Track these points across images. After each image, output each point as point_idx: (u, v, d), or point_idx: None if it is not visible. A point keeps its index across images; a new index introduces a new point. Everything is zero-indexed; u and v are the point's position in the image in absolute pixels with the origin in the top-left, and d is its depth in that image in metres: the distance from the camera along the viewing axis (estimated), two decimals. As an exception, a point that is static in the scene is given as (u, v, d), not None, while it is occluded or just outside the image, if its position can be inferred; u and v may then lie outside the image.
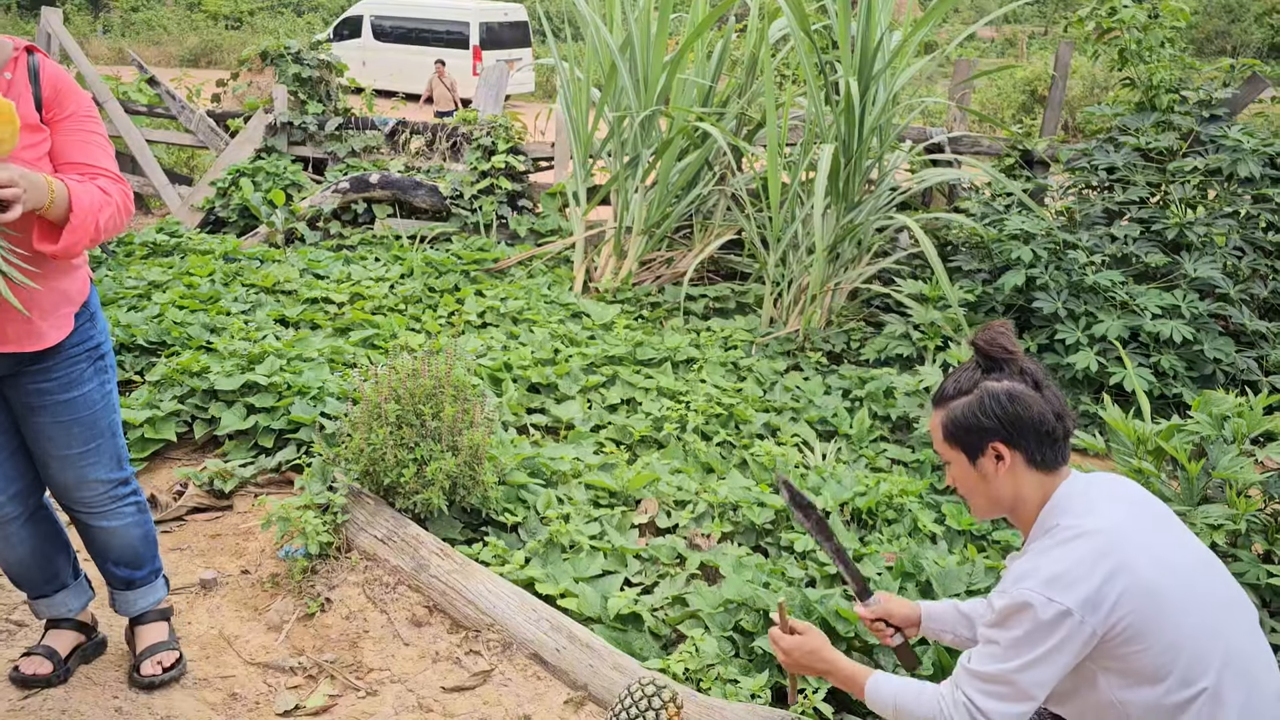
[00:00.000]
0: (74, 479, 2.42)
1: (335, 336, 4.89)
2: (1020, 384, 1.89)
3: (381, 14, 21.58)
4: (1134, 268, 5.15)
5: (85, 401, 2.37)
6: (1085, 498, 1.84)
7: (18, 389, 2.31)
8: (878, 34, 5.20)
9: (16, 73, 2.14)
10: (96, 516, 2.52)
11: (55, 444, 2.37)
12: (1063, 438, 1.88)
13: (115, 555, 2.60)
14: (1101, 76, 14.82)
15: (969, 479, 1.96)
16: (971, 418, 1.90)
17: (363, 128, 7.77)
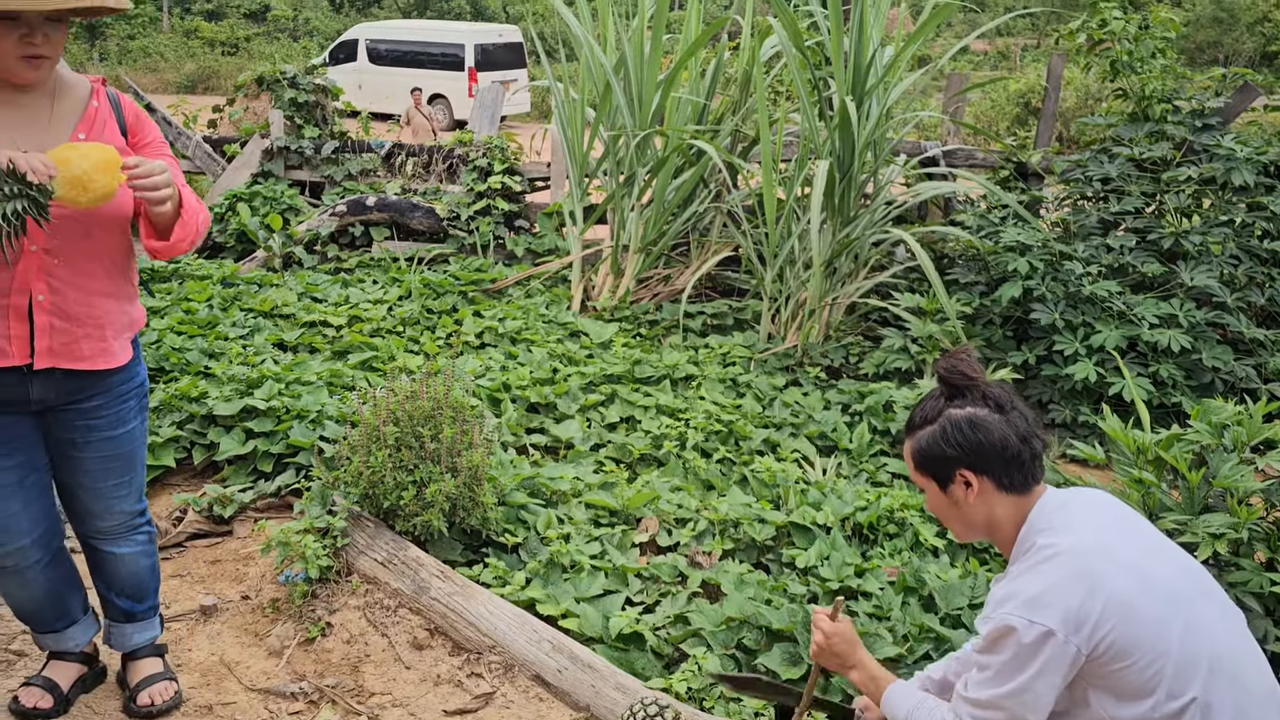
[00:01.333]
0: (100, 509, 2.47)
1: (334, 360, 4.89)
2: (983, 409, 1.89)
3: (377, 38, 21.72)
4: (1131, 278, 5.15)
5: (128, 438, 2.42)
6: (1061, 515, 1.84)
7: (65, 423, 2.33)
8: (870, 49, 5.23)
9: (101, 102, 2.26)
10: (109, 542, 2.54)
11: (91, 477, 2.41)
12: (1030, 459, 1.88)
13: (120, 585, 2.60)
14: (1095, 87, 14.89)
15: (942, 506, 1.97)
16: (936, 447, 1.91)
17: (359, 151, 7.80)
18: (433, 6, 35.86)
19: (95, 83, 2.30)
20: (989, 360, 5.08)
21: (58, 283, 2.17)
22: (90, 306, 2.23)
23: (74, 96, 2.24)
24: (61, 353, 2.21)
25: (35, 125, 2.16)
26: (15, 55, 2.05)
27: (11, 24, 2.01)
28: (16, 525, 2.32)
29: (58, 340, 2.20)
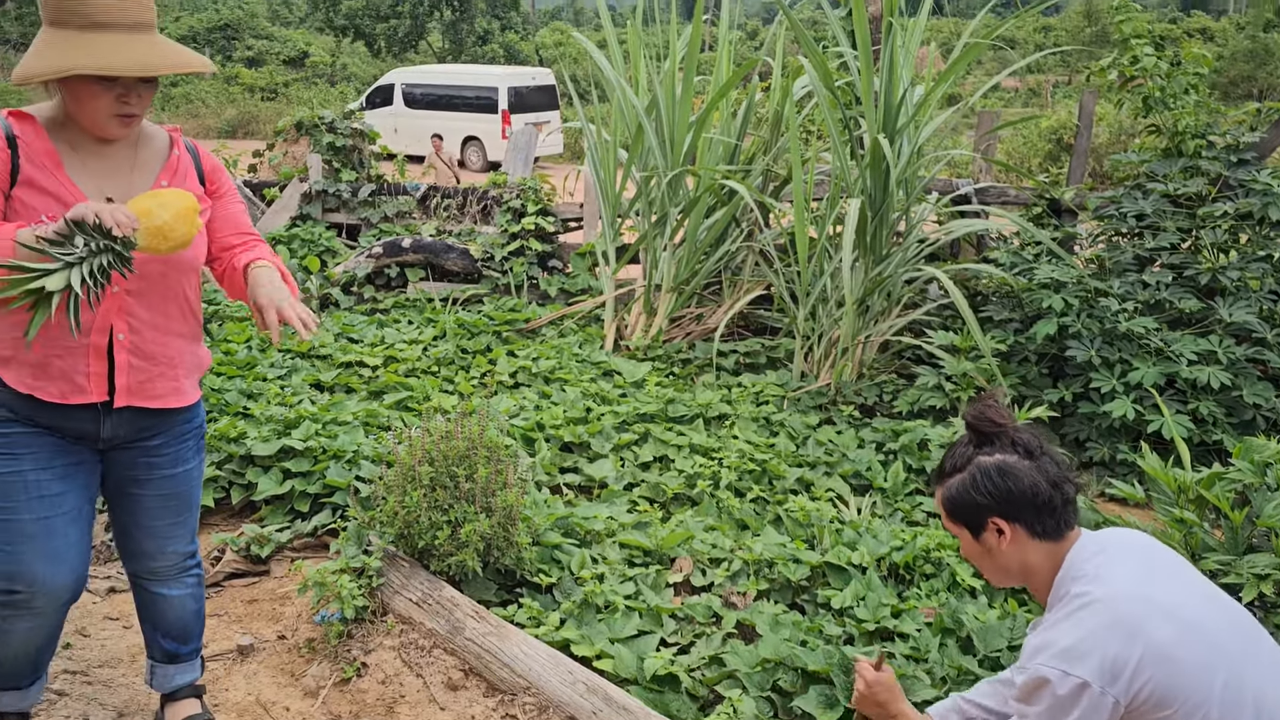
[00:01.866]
0: (155, 549, 2.50)
1: (369, 400, 4.95)
2: (1012, 456, 1.89)
3: (412, 82, 22.11)
4: (1168, 314, 5.11)
5: (186, 478, 2.47)
6: (1096, 561, 1.82)
7: (127, 461, 2.37)
8: (900, 89, 5.26)
9: (181, 151, 2.35)
10: (160, 584, 2.56)
11: (149, 515, 2.45)
12: (1063, 504, 1.86)
13: (167, 626, 2.61)
14: (1127, 123, 14.83)
15: (976, 553, 1.97)
16: (966, 495, 1.91)
17: (395, 193, 7.93)
18: (467, 51, 36.50)
19: (173, 132, 2.39)
20: (1024, 398, 5.04)
21: (137, 322, 2.23)
22: (165, 346, 2.30)
23: (155, 145, 2.33)
24: (137, 391, 2.27)
25: (119, 174, 2.24)
26: (109, 113, 2.13)
27: (109, 84, 2.09)
28: (68, 559, 2.29)
29: (135, 379, 2.25)
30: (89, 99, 2.10)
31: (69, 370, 2.19)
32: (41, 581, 2.26)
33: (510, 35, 38.21)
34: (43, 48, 2.08)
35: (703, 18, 5.95)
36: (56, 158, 2.16)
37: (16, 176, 2.10)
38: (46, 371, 2.18)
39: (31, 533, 2.23)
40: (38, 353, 2.16)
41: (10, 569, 2.24)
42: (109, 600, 3.47)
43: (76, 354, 2.19)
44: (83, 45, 2.04)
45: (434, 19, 37.99)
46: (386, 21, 37.24)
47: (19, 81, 2.08)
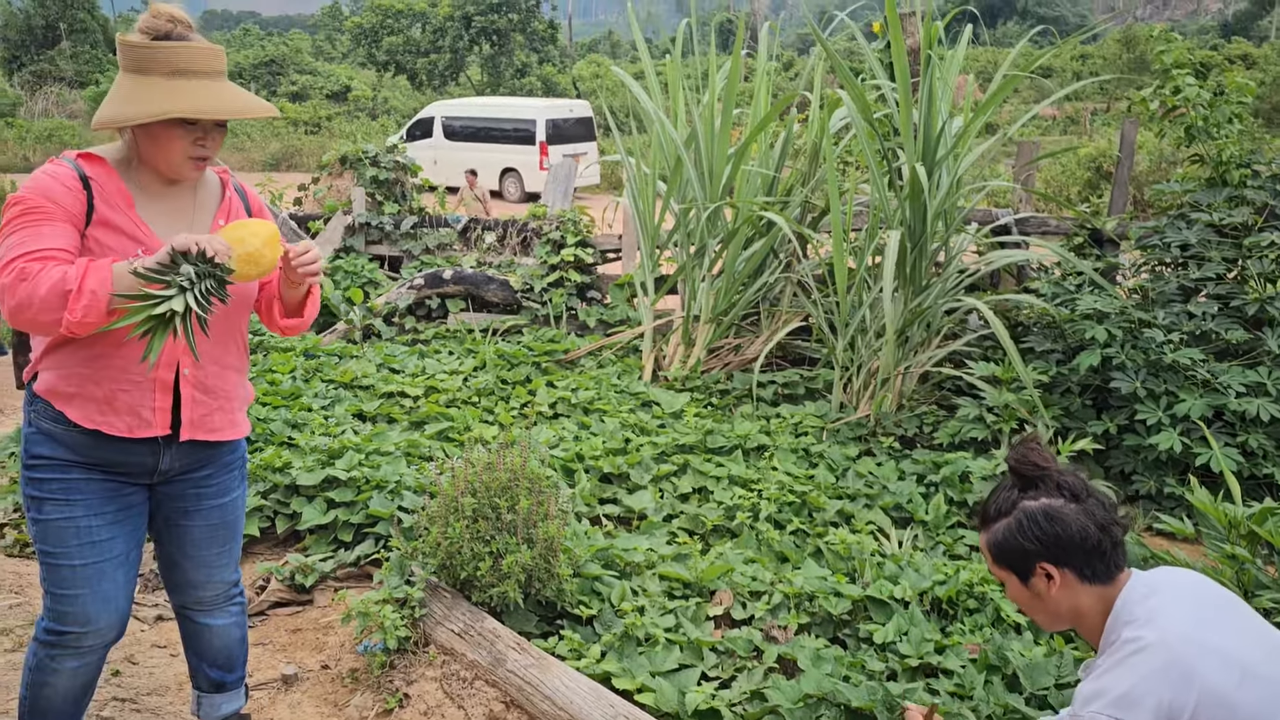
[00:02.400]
0: (202, 579, 2.54)
1: (411, 430, 5.00)
2: (1058, 499, 1.87)
3: (452, 115, 22.41)
4: (1214, 345, 5.03)
5: (232, 506, 2.53)
6: (1148, 603, 1.79)
7: (176, 493, 2.43)
8: (939, 121, 5.26)
9: (230, 191, 2.44)
10: (206, 614, 2.60)
11: (197, 545, 2.49)
12: (1112, 547, 1.84)
13: (213, 656, 2.65)
14: (1168, 152, 14.68)
15: (1024, 598, 1.95)
16: (1013, 541, 1.89)
17: (436, 225, 8.03)
18: (505, 83, 36.99)
19: (222, 174, 2.47)
20: (1067, 430, 4.98)
21: (200, 358, 2.30)
22: (224, 380, 2.38)
23: (210, 187, 2.41)
24: (199, 425, 2.33)
25: (183, 214, 2.33)
26: (186, 156, 2.21)
27: (190, 128, 2.18)
28: (114, 603, 2.33)
29: (197, 412, 2.32)
30: (168, 142, 2.18)
31: (135, 405, 2.24)
32: (92, 623, 2.31)
33: (548, 68, 38.69)
34: (128, 93, 2.14)
35: (740, 49, 6.00)
36: (129, 198, 2.22)
37: (91, 216, 2.16)
38: (114, 406, 2.23)
39: (84, 577, 2.27)
40: (105, 388, 2.21)
41: (62, 610, 2.29)
42: (156, 628, 3.52)
43: (143, 389, 2.24)
44: (172, 91, 2.12)
45: (473, 53, 38.58)
46: (427, 56, 37.87)
47: (113, 125, 2.15)
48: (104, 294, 2.00)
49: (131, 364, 2.20)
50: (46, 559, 2.27)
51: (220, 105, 2.16)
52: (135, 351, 2.19)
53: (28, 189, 2.11)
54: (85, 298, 1.97)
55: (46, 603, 2.32)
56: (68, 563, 2.26)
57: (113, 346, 2.20)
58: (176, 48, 2.15)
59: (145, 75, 2.14)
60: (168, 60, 2.14)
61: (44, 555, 2.28)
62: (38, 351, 2.24)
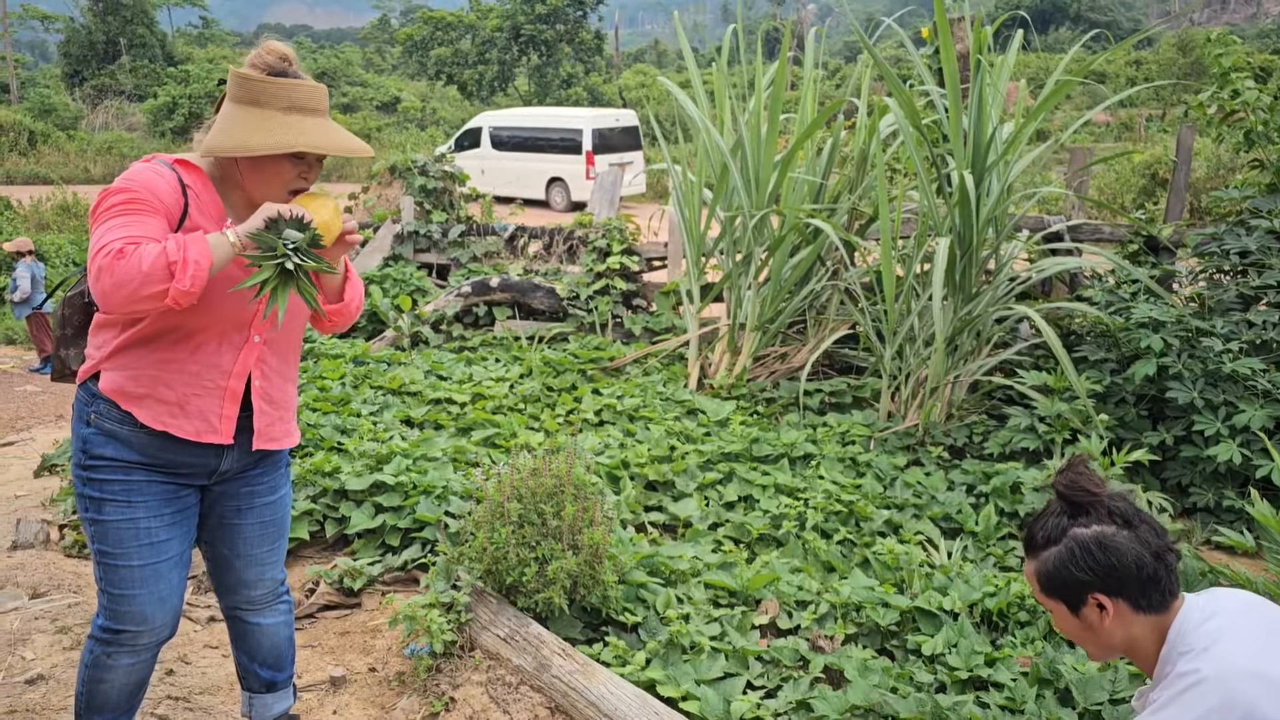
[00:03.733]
0: (254, 577, 2.59)
1: (458, 436, 5.04)
2: (1110, 526, 1.80)
3: (499, 125, 22.61)
4: (1275, 354, 4.91)
5: (282, 504, 2.59)
6: (1203, 632, 1.71)
7: (229, 493, 2.48)
8: (990, 127, 5.20)
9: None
10: (257, 613, 2.64)
11: (249, 544, 2.54)
12: (1166, 575, 1.77)
13: (263, 655, 2.69)
14: (1226, 158, 14.37)
15: (1074, 629, 1.87)
16: (1065, 571, 1.82)
17: (483, 234, 8.10)
18: (552, 94, 37.24)
19: None
20: (1122, 440, 4.88)
21: (268, 369, 2.38)
22: (284, 392, 2.45)
23: None
24: (265, 434, 2.40)
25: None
26: (286, 187, 2.29)
27: (297, 162, 2.26)
28: (169, 601, 2.38)
29: (264, 422, 2.39)
30: (275, 173, 2.25)
31: (205, 410, 2.29)
32: (149, 622, 2.36)
33: (594, 78, 38.89)
34: (244, 124, 2.19)
35: (786, 56, 5.98)
36: (223, 212, 2.29)
37: (184, 222, 2.20)
38: (185, 410, 2.27)
39: (142, 578, 2.32)
40: (178, 392, 2.26)
41: (120, 610, 2.34)
42: (209, 629, 3.58)
43: (213, 395, 2.30)
44: (291, 126, 2.20)
45: (521, 64, 38.90)
46: (475, 67, 38.26)
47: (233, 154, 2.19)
48: (206, 263, 2.04)
49: (205, 370, 2.27)
50: (104, 559, 2.31)
51: (339, 143, 2.25)
52: (208, 358, 2.27)
53: (132, 181, 2.15)
54: (191, 267, 2.00)
55: (103, 601, 2.36)
56: (126, 563, 2.30)
57: (187, 352, 2.25)
58: (293, 84, 2.21)
59: (261, 108, 2.20)
60: (286, 96, 2.21)
61: (102, 555, 2.31)
62: (103, 351, 2.26)
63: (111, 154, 27.78)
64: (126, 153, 27.88)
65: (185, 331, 2.24)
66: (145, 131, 32.56)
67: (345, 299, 2.47)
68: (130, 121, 33.64)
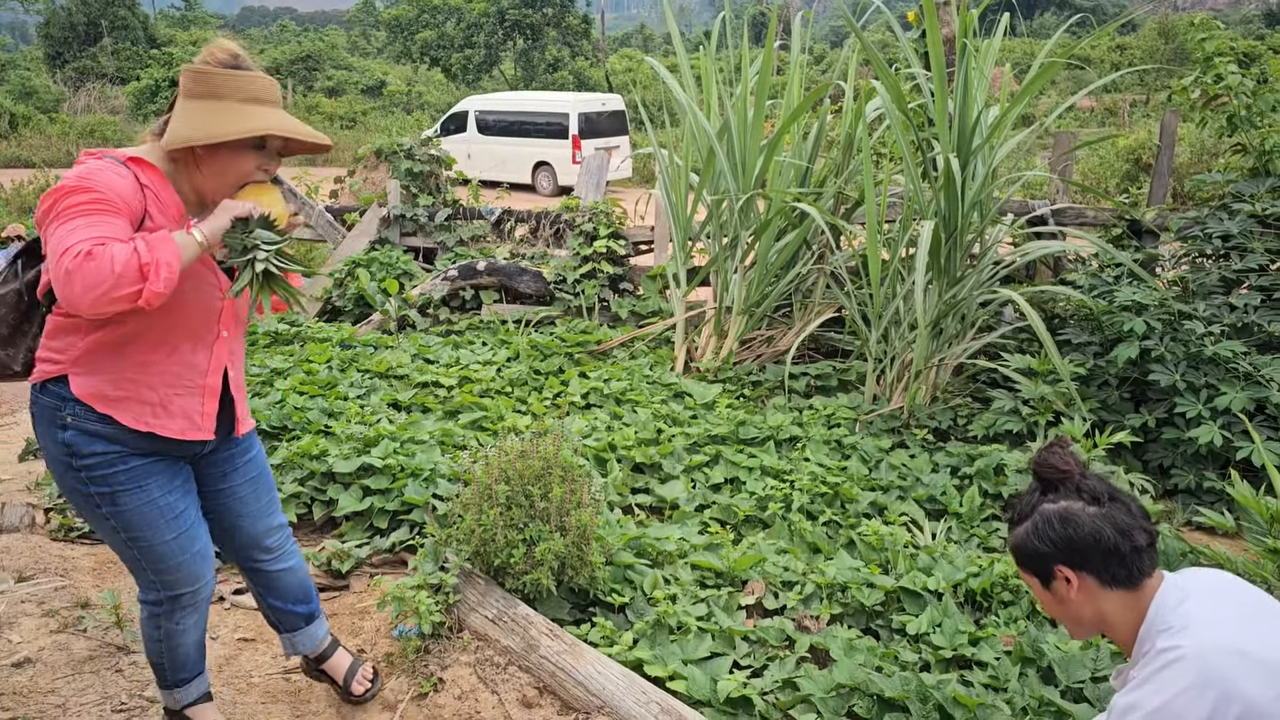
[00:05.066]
0: (263, 528, 2.70)
1: (445, 419, 5.04)
2: (1077, 503, 1.86)
3: (485, 109, 22.49)
4: (1256, 338, 4.96)
5: (259, 458, 2.69)
6: (1181, 611, 1.75)
7: (211, 462, 2.57)
8: (975, 110, 5.22)
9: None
10: (278, 561, 2.77)
11: (246, 501, 2.64)
12: (1132, 551, 1.81)
13: (295, 594, 2.83)
14: (1209, 143, 14.44)
15: (1049, 603, 1.94)
16: (1031, 544, 1.90)
17: (470, 218, 8.08)
18: (538, 78, 37.07)
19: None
20: (1105, 423, 4.93)
21: (235, 359, 2.48)
22: (243, 376, 2.56)
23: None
24: (244, 421, 2.54)
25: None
26: (244, 179, 2.31)
27: (259, 152, 2.29)
28: (207, 553, 2.53)
29: (241, 411, 2.52)
30: (236, 164, 2.27)
31: (188, 409, 2.36)
32: (201, 577, 2.52)
33: (581, 62, 38.72)
34: (206, 115, 2.20)
35: (773, 41, 5.98)
36: (182, 210, 2.29)
37: (145, 222, 2.19)
38: (168, 410, 2.33)
39: (180, 546, 2.43)
40: (160, 393, 2.31)
41: (172, 579, 2.47)
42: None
43: (194, 394, 2.37)
44: (256, 113, 2.22)
45: (507, 47, 38.68)
46: (461, 51, 38.03)
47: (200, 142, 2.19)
48: (177, 263, 2.06)
49: (184, 371, 2.33)
50: (138, 544, 2.38)
51: (301, 129, 2.30)
52: (185, 358, 2.33)
53: (93, 181, 2.09)
54: (164, 269, 2.01)
55: (149, 579, 2.47)
56: (162, 540, 2.40)
57: (165, 354, 2.29)
58: (249, 76, 2.25)
59: (219, 100, 2.21)
60: (242, 87, 2.23)
61: (134, 541, 2.38)
62: (68, 355, 2.24)
63: (94, 137, 27.52)
64: (109, 135, 27.62)
65: (159, 333, 2.26)
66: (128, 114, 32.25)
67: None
68: (113, 104, 33.32)
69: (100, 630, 3.35)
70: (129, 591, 3.68)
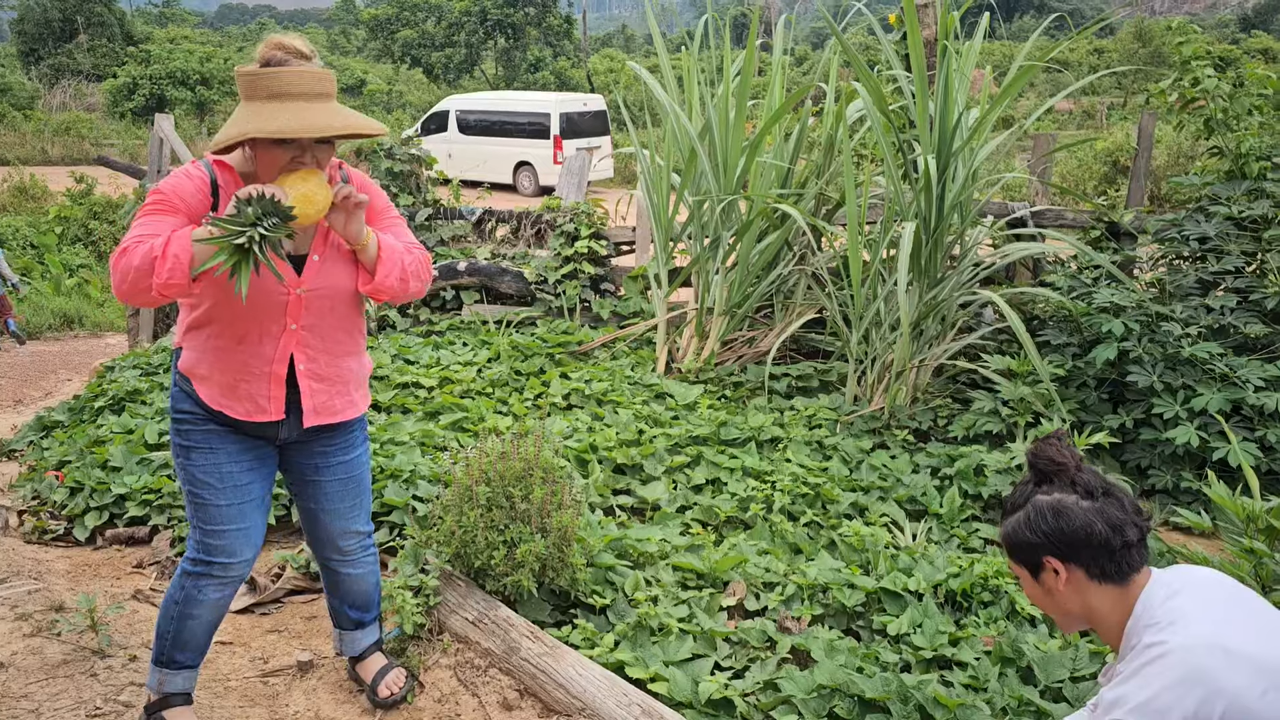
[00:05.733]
0: (339, 530, 2.81)
1: (426, 420, 5.01)
2: (1070, 496, 1.86)
3: (466, 108, 22.44)
4: (1232, 339, 5.00)
5: (358, 462, 2.78)
6: (1168, 607, 1.76)
7: (306, 453, 2.69)
8: (955, 112, 5.24)
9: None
10: (348, 565, 2.87)
11: (331, 499, 2.75)
12: (1122, 546, 1.82)
13: (354, 599, 2.94)
14: (1186, 146, 14.58)
15: (1038, 595, 1.95)
16: (1022, 534, 1.90)
17: (451, 218, 8.04)
18: (519, 78, 36.98)
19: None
20: (1084, 423, 4.96)
21: (313, 351, 2.55)
22: (338, 369, 2.61)
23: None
24: (321, 410, 2.60)
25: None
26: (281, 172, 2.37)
27: (287, 146, 2.35)
28: (252, 537, 2.64)
29: (318, 400, 2.58)
30: (269, 159, 2.36)
31: (253, 394, 2.51)
32: (237, 554, 2.62)
33: (562, 62, 38.66)
34: (236, 116, 2.34)
35: (755, 42, 5.98)
36: None
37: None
38: (235, 393, 2.50)
39: (229, 515, 2.58)
40: (229, 377, 2.48)
41: (211, 544, 2.59)
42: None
43: (260, 380, 2.50)
44: (264, 113, 2.29)
45: (488, 47, 38.58)
46: (442, 50, 37.90)
47: (214, 150, 2.36)
48: (186, 256, 2.19)
49: (251, 359, 2.47)
50: (195, 499, 2.57)
51: (299, 124, 2.28)
52: (253, 347, 2.47)
53: (162, 185, 2.35)
54: (169, 261, 2.18)
55: (196, 537, 2.61)
56: (214, 502, 2.56)
57: (233, 341, 2.46)
58: (278, 73, 2.31)
59: (249, 101, 2.34)
60: (267, 86, 2.32)
61: (193, 496, 2.58)
62: (180, 329, 2.52)
63: (70, 134, 27.25)
64: (85, 133, 27.36)
65: (226, 322, 2.44)
66: (104, 112, 31.96)
67: (377, 278, 2.52)
68: (89, 102, 33.02)
69: (75, 634, 3.31)
70: (104, 595, 3.64)
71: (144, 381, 5.48)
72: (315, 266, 2.49)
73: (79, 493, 4.28)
